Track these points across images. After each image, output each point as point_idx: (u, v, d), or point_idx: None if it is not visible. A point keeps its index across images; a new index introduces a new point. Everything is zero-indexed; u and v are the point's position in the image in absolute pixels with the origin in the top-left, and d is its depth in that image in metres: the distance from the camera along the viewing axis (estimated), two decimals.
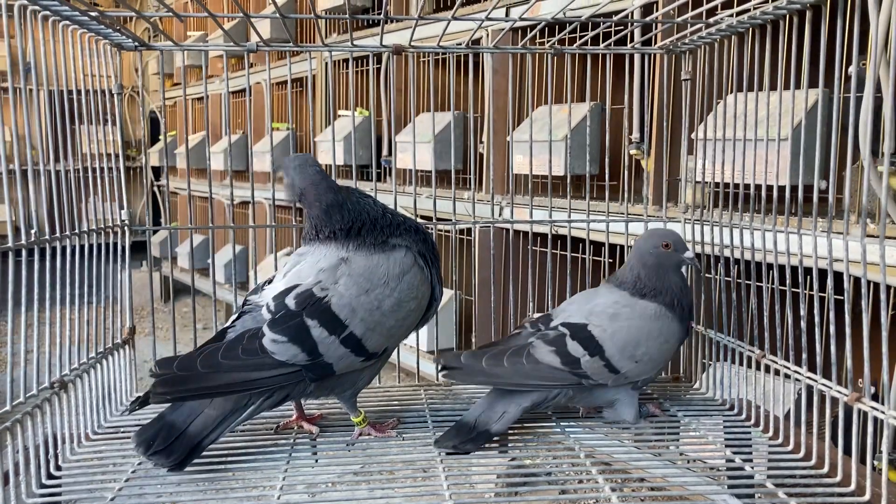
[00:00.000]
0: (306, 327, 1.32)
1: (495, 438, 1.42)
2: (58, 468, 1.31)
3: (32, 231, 1.29)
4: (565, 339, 1.43)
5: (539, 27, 1.99)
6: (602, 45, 1.81)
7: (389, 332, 1.39)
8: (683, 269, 1.54)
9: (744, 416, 1.53)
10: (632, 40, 1.83)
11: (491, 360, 1.42)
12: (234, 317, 1.41)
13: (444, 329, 3.00)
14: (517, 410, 1.42)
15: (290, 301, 1.34)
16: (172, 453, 1.28)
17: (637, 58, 2.77)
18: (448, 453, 1.37)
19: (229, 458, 1.37)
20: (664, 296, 1.48)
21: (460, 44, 1.77)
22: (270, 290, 1.39)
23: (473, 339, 3.41)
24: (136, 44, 1.62)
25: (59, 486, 1.27)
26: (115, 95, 1.63)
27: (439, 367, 1.47)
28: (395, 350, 1.96)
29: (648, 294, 1.49)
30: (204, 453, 1.37)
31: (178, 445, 1.29)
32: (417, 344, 1.67)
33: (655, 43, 1.92)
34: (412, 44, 1.73)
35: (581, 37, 1.79)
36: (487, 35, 3.27)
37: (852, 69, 1.27)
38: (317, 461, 1.38)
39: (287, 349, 1.31)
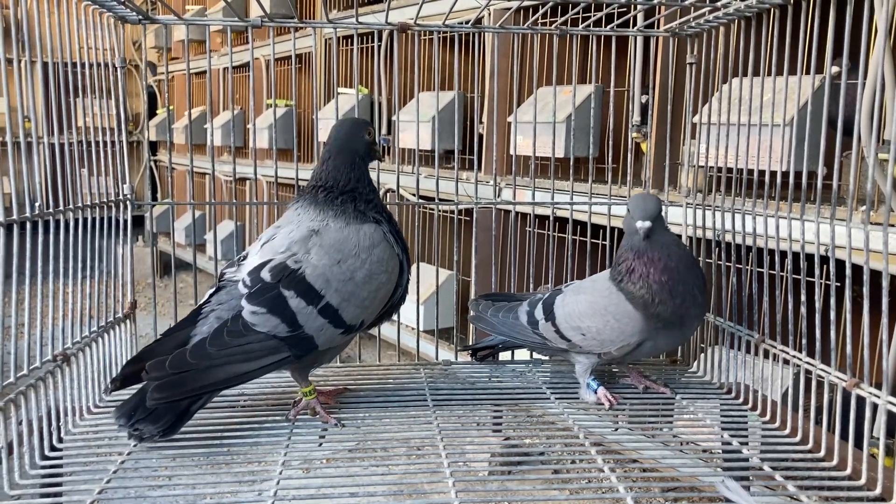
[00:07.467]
0: (283, 298, 1.34)
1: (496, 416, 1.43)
2: (60, 440, 1.32)
3: (37, 204, 1.29)
4: (538, 303, 1.58)
5: (543, 9, 1.98)
6: (607, 27, 1.81)
7: (363, 304, 1.41)
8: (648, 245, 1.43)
9: (741, 399, 1.54)
10: (635, 24, 1.82)
11: (496, 311, 1.64)
12: (210, 291, 1.44)
13: (443, 309, 3.04)
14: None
15: (266, 274, 1.37)
16: (159, 419, 1.28)
17: (640, 41, 2.76)
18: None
19: (229, 434, 1.37)
20: (627, 277, 1.45)
21: (466, 22, 1.76)
22: (246, 264, 1.41)
23: None
24: (140, 16, 1.61)
25: (60, 458, 1.28)
26: (119, 69, 1.62)
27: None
28: (397, 329, 1.97)
29: (617, 277, 1.47)
30: (203, 429, 1.38)
31: (165, 412, 1.29)
32: (418, 324, 1.68)
33: (659, 27, 1.92)
34: (417, 22, 1.72)
35: (584, 19, 1.78)
36: (490, 15, 3.25)
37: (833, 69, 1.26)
38: (320, 440, 1.39)
39: (267, 320, 1.33)
